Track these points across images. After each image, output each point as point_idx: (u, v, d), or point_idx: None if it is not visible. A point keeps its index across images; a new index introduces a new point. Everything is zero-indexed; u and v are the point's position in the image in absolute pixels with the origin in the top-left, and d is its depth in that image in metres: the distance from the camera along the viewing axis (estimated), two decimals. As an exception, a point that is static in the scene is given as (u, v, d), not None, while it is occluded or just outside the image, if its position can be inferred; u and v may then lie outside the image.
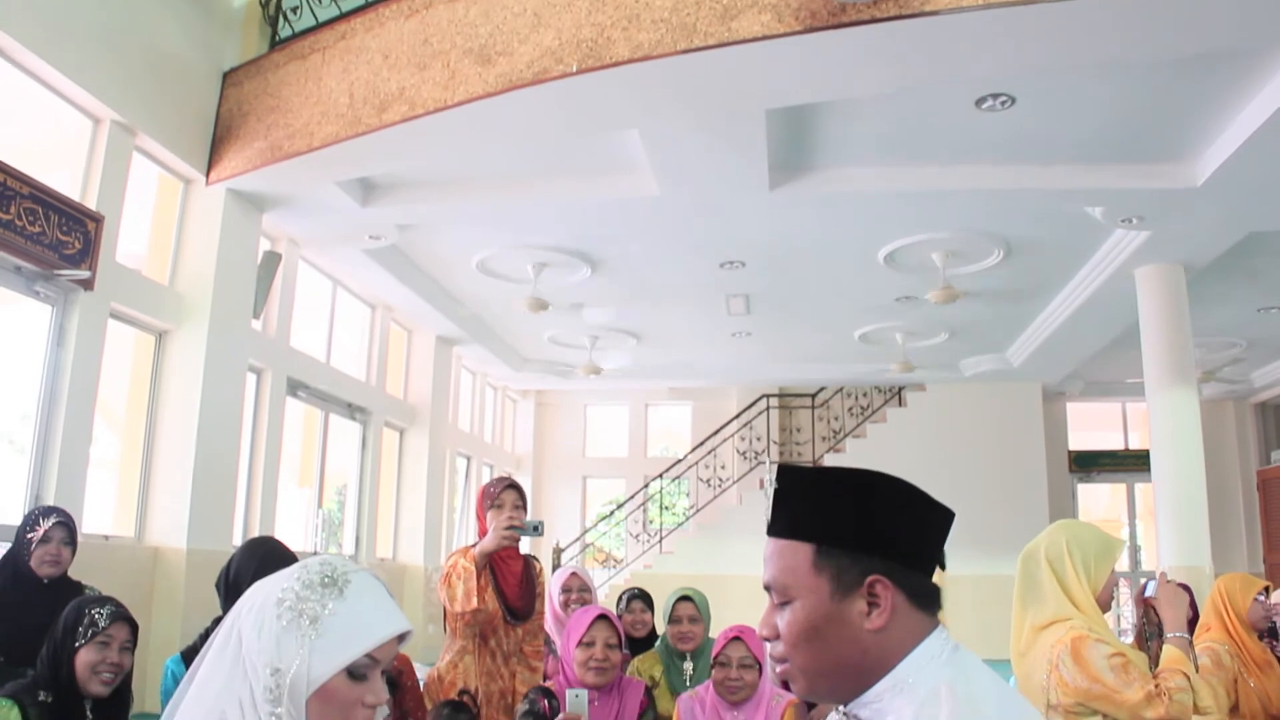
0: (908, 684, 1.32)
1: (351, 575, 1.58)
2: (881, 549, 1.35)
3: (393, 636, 1.57)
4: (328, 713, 1.52)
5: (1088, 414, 15.42)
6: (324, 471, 9.92)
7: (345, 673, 1.52)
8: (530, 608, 4.33)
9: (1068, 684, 2.73)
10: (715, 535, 13.38)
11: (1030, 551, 2.97)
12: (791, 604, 1.37)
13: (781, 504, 1.42)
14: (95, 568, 5.34)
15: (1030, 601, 2.90)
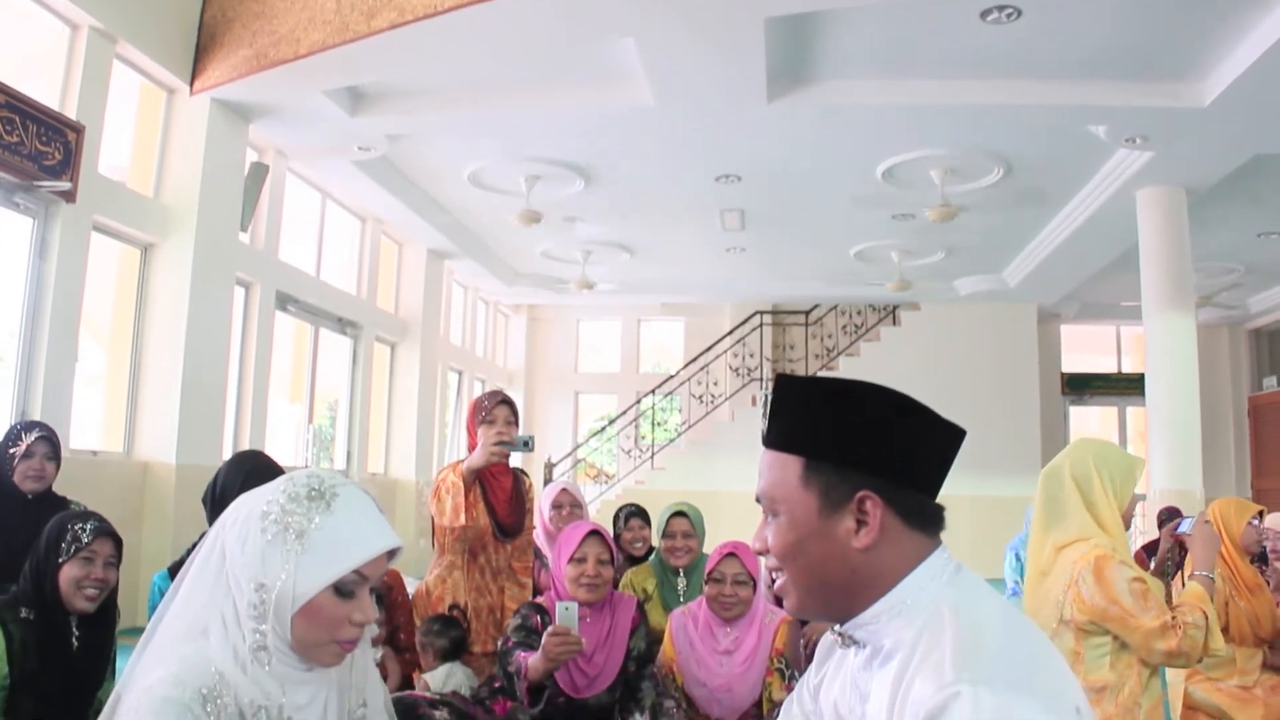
0: (906, 606, 1.27)
1: (339, 489, 1.53)
2: (873, 465, 1.29)
3: (382, 552, 1.52)
4: (314, 630, 1.48)
5: (1082, 336, 15.37)
6: (314, 387, 9.86)
7: (332, 589, 1.47)
8: (520, 524, 4.31)
9: (1084, 601, 2.70)
10: (707, 451, 13.42)
11: (1053, 470, 2.91)
12: (780, 518, 1.33)
13: (775, 414, 1.37)
14: (84, 483, 5.31)
15: (1053, 521, 2.86)
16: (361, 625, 1.52)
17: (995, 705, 1.09)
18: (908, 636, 1.25)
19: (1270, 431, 14.05)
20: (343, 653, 1.52)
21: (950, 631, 1.20)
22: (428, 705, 3.39)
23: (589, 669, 3.44)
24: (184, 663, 1.42)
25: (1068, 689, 1.18)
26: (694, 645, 3.65)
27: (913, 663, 1.21)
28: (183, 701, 1.37)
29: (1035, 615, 2.81)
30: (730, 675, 3.59)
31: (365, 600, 1.53)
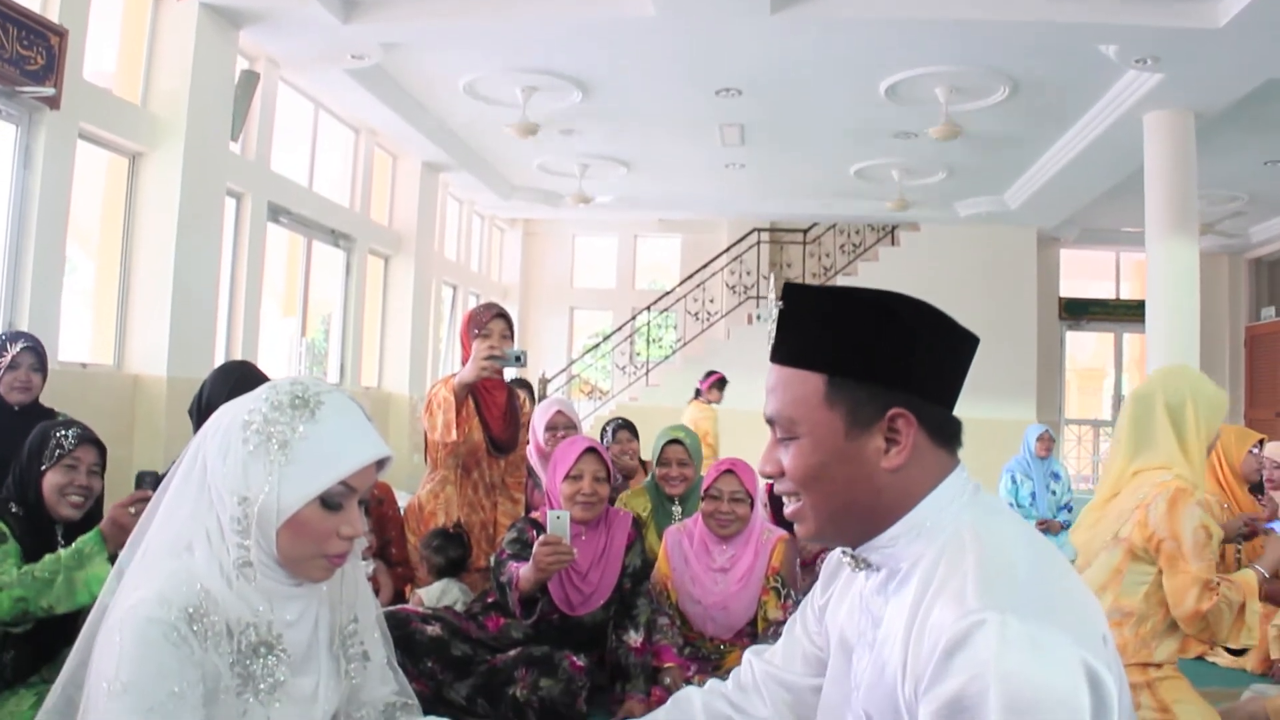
0: (925, 528, 1.21)
1: (324, 396, 1.45)
2: (903, 380, 1.21)
3: (370, 462, 1.45)
4: (300, 544, 1.42)
5: (1081, 261, 15.26)
6: (307, 300, 9.77)
7: (318, 502, 1.41)
8: (514, 440, 4.30)
9: (1147, 525, 2.66)
10: (702, 369, 13.29)
11: (1144, 395, 2.84)
12: (798, 440, 1.25)
13: (789, 328, 1.27)
14: (74, 396, 5.27)
15: (1141, 446, 2.79)
16: (350, 539, 1.46)
17: (1022, 634, 1.03)
18: (927, 559, 1.19)
19: (1266, 362, 14.05)
20: (331, 567, 1.48)
21: (973, 555, 1.14)
22: (420, 620, 3.41)
23: (584, 586, 3.44)
24: (169, 580, 1.37)
25: (1094, 617, 1.12)
26: (689, 562, 3.64)
27: (932, 586, 1.15)
28: (168, 621, 1.32)
29: (1091, 531, 2.80)
30: (725, 593, 3.59)
31: (353, 513, 1.47)
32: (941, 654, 1.06)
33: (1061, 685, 1.01)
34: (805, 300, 1.27)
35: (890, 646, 1.19)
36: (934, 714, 1.06)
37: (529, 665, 3.26)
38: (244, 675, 1.40)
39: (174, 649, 1.32)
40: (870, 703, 1.22)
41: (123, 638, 1.31)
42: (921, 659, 1.10)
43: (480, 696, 3.24)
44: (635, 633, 3.40)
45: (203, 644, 1.35)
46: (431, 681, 3.27)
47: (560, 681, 3.21)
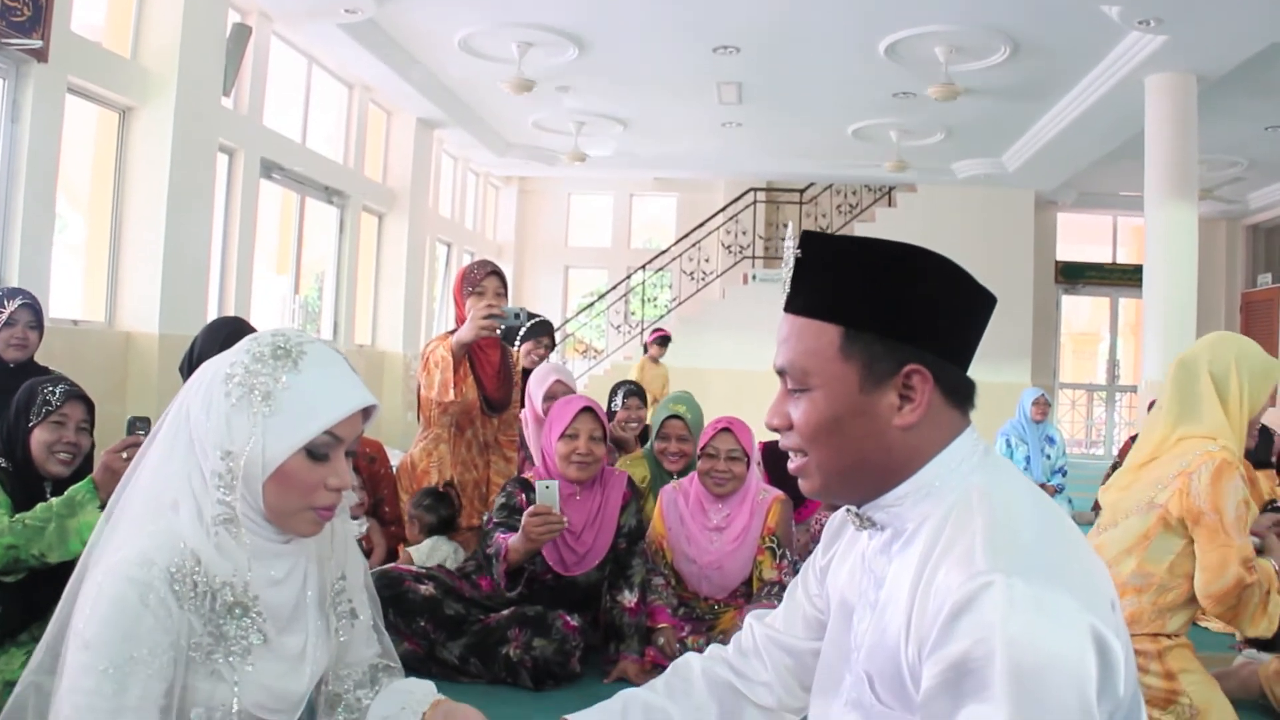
0: (934, 487, 1.19)
1: (307, 346, 1.43)
2: (921, 336, 1.18)
3: (355, 411, 1.43)
4: (286, 496, 1.40)
5: (1078, 225, 15.21)
6: (301, 257, 9.72)
7: (304, 453, 1.39)
8: (508, 398, 4.28)
9: (1189, 495, 2.61)
10: (697, 328, 13.37)
11: (1190, 361, 2.78)
12: (810, 392, 1.21)
13: (805, 277, 1.23)
14: (65, 354, 5.25)
15: (1185, 415, 2.73)
16: (338, 490, 1.44)
17: (1030, 597, 1.01)
18: (933, 520, 1.17)
19: (1261, 328, 14.05)
20: (320, 520, 1.45)
21: (981, 517, 1.12)
22: (413, 579, 3.41)
23: (578, 546, 3.43)
24: (152, 540, 1.35)
25: (1102, 582, 1.11)
26: (684, 521, 3.63)
27: (938, 547, 1.13)
28: (147, 583, 1.31)
29: (1124, 493, 2.77)
30: (720, 552, 3.58)
31: (340, 463, 1.44)
32: (947, 616, 1.05)
33: (1068, 649, 1.00)
34: (824, 249, 1.23)
35: (893, 608, 1.17)
36: (938, 676, 1.05)
37: (522, 625, 3.26)
38: (216, 635, 1.39)
39: (148, 612, 1.31)
40: (871, 664, 1.20)
41: (99, 595, 1.30)
42: (926, 621, 1.09)
43: (473, 656, 3.25)
44: (630, 593, 3.40)
45: (181, 605, 1.34)
46: (424, 641, 3.27)
47: (554, 642, 3.22)
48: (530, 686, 3.19)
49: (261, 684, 1.42)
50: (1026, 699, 0.98)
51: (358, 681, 1.62)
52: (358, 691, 1.61)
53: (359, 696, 1.60)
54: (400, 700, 1.58)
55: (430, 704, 1.57)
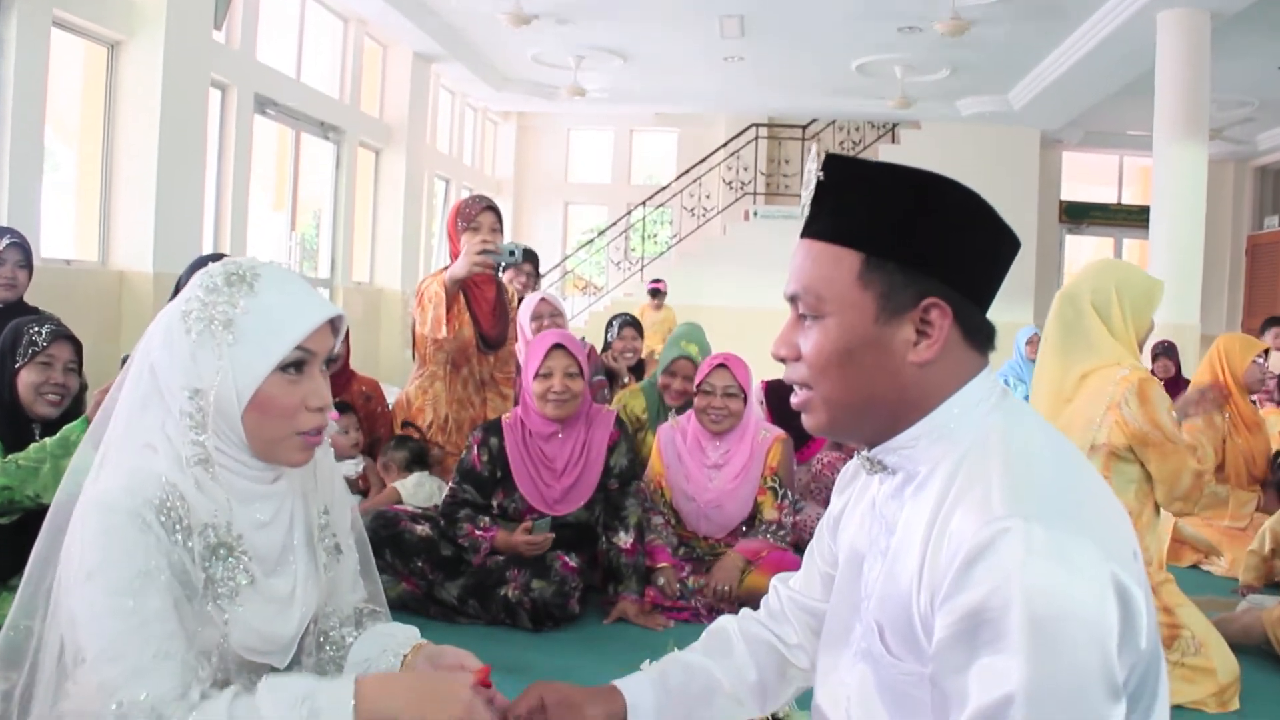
0: (948, 430, 1.14)
1: (260, 269, 1.38)
2: (944, 269, 1.13)
3: (322, 322, 1.38)
4: (269, 424, 1.36)
5: (1083, 165, 15.07)
6: (297, 194, 9.63)
7: (279, 375, 1.35)
8: (503, 335, 4.25)
9: (1127, 424, 2.65)
10: (697, 265, 13.30)
11: (1071, 295, 2.82)
12: (823, 320, 1.15)
13: (827, 200, 1.17)
14: (58, 294, 5.18)
15: (1074, 348, 2.78)
16: (320, 410, 1.40)
17: (1049, 544, 0.97)
18: (948, 463, 1.12)
19: (1266, 271, 13.98)
20: (307, 445, 1.41)
21: (998, 460, 1.07)
22: (409, 519, 3.40)
23: (557, 483, 3.40)
24: (133, 476, 1.32)
25: (1124, 530, 1.06)
26: (682, 459, 3.61)
27: (953, 491, 1.08)
28: (132, 509, 1.28)
29: None
30: (719, 491, 3.57)
31: (318, 381, 1.40)
32: (962, 563, 1.00)
33: (1089, 599, 0.96)
34: (849, 172, 1.17)
35: (905, 555, 1.13)
36: (952, 626, 1.01)
37: (521, 566, 3.25)
38: (204, 579, 1.36)
39: (140, 534, 1.28)
40: (882, 613, 1.16)
41: (86, 525, 1.28)
42: (940, 568, 1.04)
43: (471, 597, 3.24)
44: (625, 534, 3.38)
45: (170, 535, 1.31)
46: (422, 581, 3.27)
47: (553, 583, 3.21)
48: (529, 628, 3.19)
49: (250, 626, 1.39)
50: (1044, 650, 0.94)
51: (342, 620, 1.60)
52: (342, 629, 1.59)
53: (343, 634, 1.59)
54: (381, 643, 1.56)
55: (412, 647, 1.55)
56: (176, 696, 1.26)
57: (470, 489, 3.39)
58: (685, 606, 3.39)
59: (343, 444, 4.00)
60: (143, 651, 1.26)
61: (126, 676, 1.25)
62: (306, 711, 1.28)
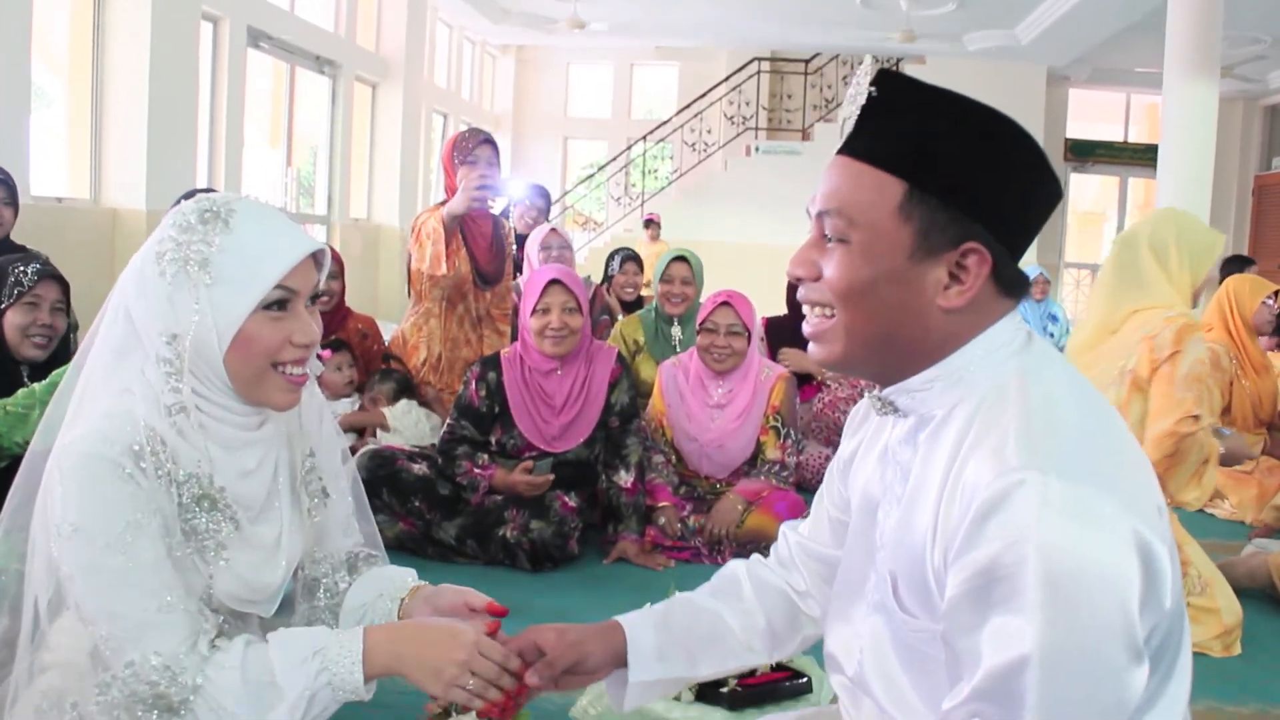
0: (967, 374, 1.07)
1: (235, 204, 1.32)
2: (989, 214, 1.05)
3: (302, 258, 1.32)
4: (252, 364, 1.31)
5: (1090, 102, 14.87)
6: (292, 129, 9.51)
7: (260, 314, 1.30)
8: (500, 271, 4.22)
9: (1154, 354, 2.67)
10: (698, 201, 13.20)
11: (1129, 238, 2.84)
12: (850, 245, 1.07)
13: (876, 119, 1.08)
14: (49, 233, 5.11)
15: (1127, 288, 2.80)
16: (305, 346, 1.35)
17: (1067, 497, 0.91)
18: (965, 407, 1.06)
19: (1273, 212, 13.85)
20: (292, 386, 1.36)
21: (1016, 407, 1.01)
22: (406, 458, 3.38)
23: (556, 420, 3.37)
24: (109, 419, 1.27)
25: (1149, 485, 1.00)
26: (684, 398, 3.59)
27: (968, 440, 1.02)
28: (110, 458, 1.24)
29: (1090, 369, 2.79)
30: (722, 430, 3.54)
31: (303, 317, 1.35)
32: (975, 517, 0.95)
33: (1109, 556, 0.91)
34: (906, 93, 1.08)
35: (920, 504, 1.08)
36: (964, 583, 0.96)
37: (519, 506, 3.24)
38: (188, 531, 1.33)
39: (120, 483, 1.24)
40: (896, 562, 1.11)
41: (63, 477, 1.24)
42: (953, 521, 0.99)
43: (469, 537, 3.23)
44: (626, 473, 3.37)
45: (150, 482, 1.27)
46: (420, 521, 3.25)
47: (552, 523, 3.19)
48: (528, 568, 3.18)
49: (236, 575, 1.36)
50: (1062, 610, 0.90)
51: (335, 565, 1.57)
52: (335, 575, 1.56)
53: (337, 580, 1.55)
54: (377, 587, 1.53)
55: (409, 590, 1.52)
56: (187, 649, 1.24)
57: (468, 425, 3.36)
58: (686, 546, 3.38)
59: (337, 382, 3.98)
60: (144, 606, 1.24)
61: (130, 633, 1.23)
62: (318, 665, 1.27)
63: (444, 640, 1.30)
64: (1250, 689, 2.50)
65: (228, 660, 1.25)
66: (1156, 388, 2.66)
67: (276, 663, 1.25)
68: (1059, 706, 0.91)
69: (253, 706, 1.24)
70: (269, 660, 1.26)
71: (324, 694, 1.27)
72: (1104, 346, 2.81)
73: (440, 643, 1.30)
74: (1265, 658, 2.71)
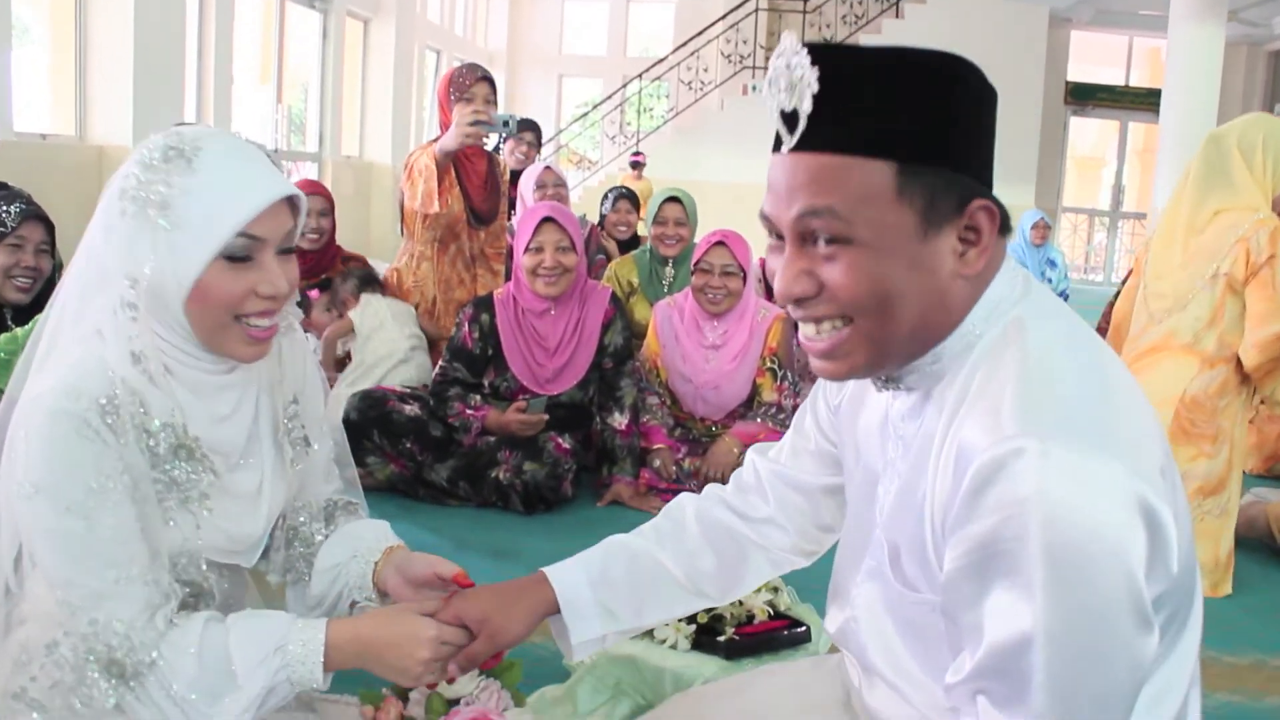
0: (974, 336, 1.01)
1: (204, 141, 1.22)
2: (972, 162, 0.98)
3: (268, 204, 1.21)
4: (211, 315, 1.23)
5: (1092, 45, 14.70)
6: (282, 65, 9.40)
7: (224, 262, 1.21)
8: (495, 210, 4.17)
9: (1251, 258, 2.68)
10: (694, 140, 13.07)
11: (1217, 137, 2.84)
12: (854, 247, 0.96)
13: (833, 103, 0.96)
14: (33, 169, 5.03)
15: (1214, 186, 2.79)
16: (271, 298, 1.24)
17: (1068, 465, 0.86)
18: (965, 370, 1.00)
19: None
20: (253, 341, 1.26)
21: (1013, 364, 0.95)
22: (397, 399, 3.35)
23: (550, 362, 3.34)
24: (77, 369, 1.20)
25: (1152, 444, 0.94)
26: (679, 339, 3.55)
27: (966, 401, 0.97)
28: (77, 414, 1.17)
29: (1179, 270, 2.83)
30: (717, 372, 3.51)
31: (270, 267, 1.24)
32: (971, 488, 0.90)
33: (1112, 522, 0.86)
34: (852, 65, 0.97)
35: (919, 473, 1.03)
36: (962, 557, 0.91)
37: (512, 447, 3.21)
38: (167, 481, 1.27)
39: (86, 443, 1.18)
40: (895, 533, 1.07)
41: (28, 434, 1.18)
42: (948, 488, 0.95)
43: (461, 479, 3.21)
44: (620, 414, 3.34)
45: (120, 439, 1.21)
46: (411, 463, 3.22)
47: (545, 465, 3.17)
48: (521, 510, 3.17)
49: (218, 526, 1.32)
50: (1066, 584, 0.86)
51: (313, 515, 1.52)
52: (312, 525, 1.51)
53: (314, 530, 1.51)
54: (351, 547, 1.48)
55: (383, 552, 1.46)
56: (144, 622, 1.20)
57: (461, 367, 3.33)
58: (681, 488, 3.35)
59: (325, 323, 3.93)
60: (101, 576, 1.19)
61: (85, 601, 1.19)
62: (279, 663, 1.23)
63: (406, 642, 1.27)
64: (1248, 639, 2.50)
65: (184, 641, 1.21)
66: (1256, 291, 2.69)
67: (236, 657, 1.22)
68: (1068, 681, 0.87)
69: (206, 692, 1.20)
70: (227, 648, 1.22)
71: (282, 688, 1.24)
72: (1192, 246, 2.81)
73: (402, 644, 1.27)
74: (1264, 607, 2.71)
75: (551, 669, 1.94)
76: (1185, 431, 2.74)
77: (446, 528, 3.02)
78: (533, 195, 4.31)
